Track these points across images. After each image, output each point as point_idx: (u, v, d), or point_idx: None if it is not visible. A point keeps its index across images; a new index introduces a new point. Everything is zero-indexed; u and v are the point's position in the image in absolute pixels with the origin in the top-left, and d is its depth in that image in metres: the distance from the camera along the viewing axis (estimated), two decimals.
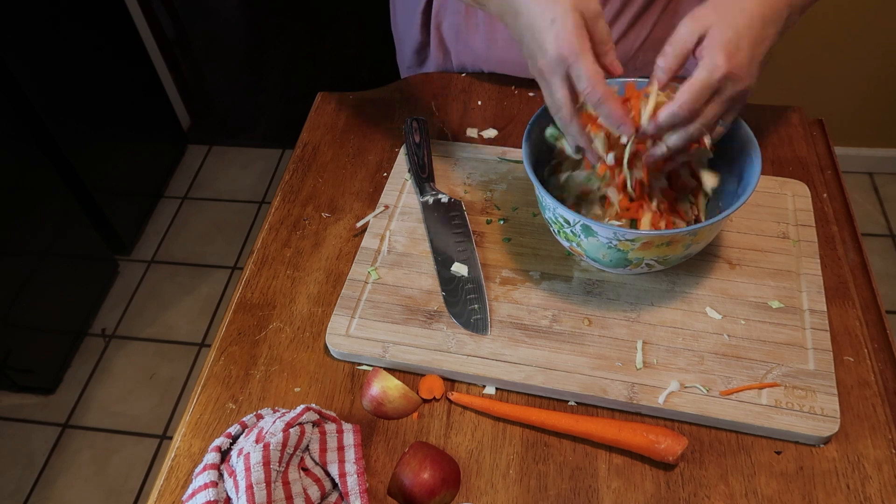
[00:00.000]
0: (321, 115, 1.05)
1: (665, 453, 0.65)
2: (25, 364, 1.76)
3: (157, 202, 2.31)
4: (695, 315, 0.76)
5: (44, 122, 1.74)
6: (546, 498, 0.65)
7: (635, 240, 0.67)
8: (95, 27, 1.95)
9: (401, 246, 0.85)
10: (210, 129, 2.52)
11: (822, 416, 0.67)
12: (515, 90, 1.06)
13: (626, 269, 0.74)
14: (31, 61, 1.69)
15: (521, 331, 0.75)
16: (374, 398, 0.70)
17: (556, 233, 0.75)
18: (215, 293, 2.06)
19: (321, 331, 0.78)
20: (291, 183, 0.95)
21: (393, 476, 0.65)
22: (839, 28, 1.81)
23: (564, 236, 0.74)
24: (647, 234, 0.67)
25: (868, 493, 0.64)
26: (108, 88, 2.02)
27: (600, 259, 0.73)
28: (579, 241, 0.72)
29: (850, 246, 0.84)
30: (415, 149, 0.92)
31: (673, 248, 0.69)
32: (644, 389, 0.70)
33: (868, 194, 2.13)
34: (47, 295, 1.80)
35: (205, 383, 0.75)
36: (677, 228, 0.71)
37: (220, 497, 0.60)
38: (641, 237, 0.67)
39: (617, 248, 0.69)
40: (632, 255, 0.70)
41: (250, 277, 0.84)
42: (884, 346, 0.75)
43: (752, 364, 0.71)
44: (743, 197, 0.68)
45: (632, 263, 0.72)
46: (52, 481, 1.70)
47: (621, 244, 0.68)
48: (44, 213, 1.77)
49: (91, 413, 1.81)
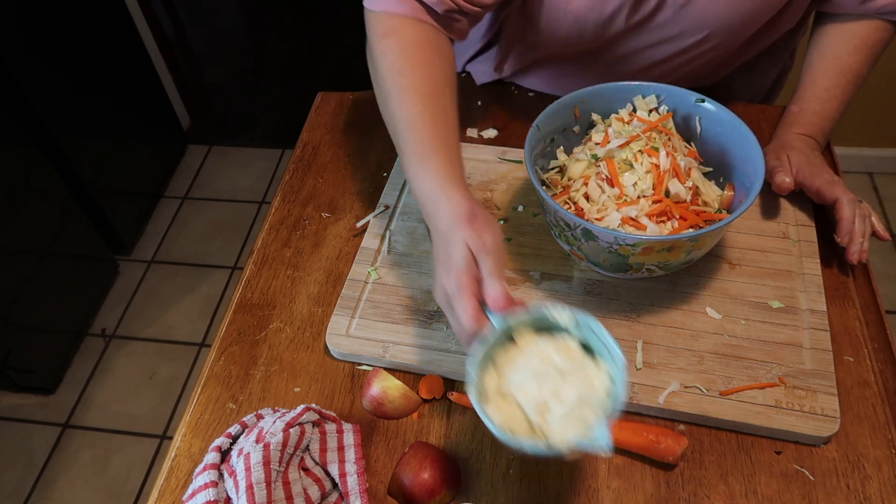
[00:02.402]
0: (321, 115, 1.05)
1: (665, 453, 0.65)
2: (25, 364, 1.76)
3: (157, 202, 2.31)
4: (695, 315, 0.76)
5: (44, 122, 1.74)
6: (546, 498, 0.65)
7: (636, 244, 0.67)
8: (95, 27, 1.95)
9: (401, 246, 0.85)
10: (210, 129, 2.52)
11: (822, 416, 0.67)
12: (515, 90, 1.06)
13: (627, 273, 0.73)
14: (31, 61, 1.69)
15: None
16: (374, 398, 0.70)
17: (558, 236, 0.75)
18: (215, 293, 2.06)
19: (321, 331, 0.78)
20: (291, 183, 0.95)
21: (393, 476, 0.65)
22: None
23: (565, 239, 0.73)
24: (648, 238, 0.66)
25: (868, 493, 0.64)
26: (109, 88, 2.02)
27: (600, 263, 0.73)
28: (580, 245, 0.71)
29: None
30: None
31: (674, 253, 0.69)
32: (644, 389, 0.70)
33: (868, 194, 2.13)
34: (47, 295, 1.80)
35: (205, 383, 0.75)
36: (679, 234, 0.69)
37: (221, 497, 0.60)
38: (643, 241, 0.67)
39: (618, 252, 0.69)
40: (632, 260, 0.70)
41: (250, 277, 0.84)
42: (884, 346, 0.75)
43: (752, 364, 0.71)
44: (746, 203, 0.68)
45: (632, 268, 0.71)
46: (52, 481, 1.69)
47: (622, 248, 0.68)
48: (44, 213, 1.77)
49: (91, 413, 1.81)
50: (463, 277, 0.59)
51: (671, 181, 0.72)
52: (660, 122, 0.77)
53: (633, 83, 0.80)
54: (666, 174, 0.72)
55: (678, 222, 0.71)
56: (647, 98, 0.80)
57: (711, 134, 0.78)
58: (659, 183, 0.72)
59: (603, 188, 0.73)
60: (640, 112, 0.79)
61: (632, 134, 0.75)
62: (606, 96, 0.80)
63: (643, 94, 0.80)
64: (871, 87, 1.96)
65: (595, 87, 0.79)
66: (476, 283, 0.60)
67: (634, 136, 0.74)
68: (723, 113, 0.76)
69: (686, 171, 0.73)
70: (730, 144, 0.76)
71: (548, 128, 0.78)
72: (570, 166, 0.77)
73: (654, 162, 0.72)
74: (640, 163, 0.73)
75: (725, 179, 0.78)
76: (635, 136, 0.74)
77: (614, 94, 0.80)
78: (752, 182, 0.71)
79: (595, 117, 0.81)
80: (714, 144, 0.78)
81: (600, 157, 0.75)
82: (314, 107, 1.07)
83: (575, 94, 0.79)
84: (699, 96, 0.78)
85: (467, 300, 0.58)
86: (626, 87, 0.80)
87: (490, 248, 0.60)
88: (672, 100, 0.79)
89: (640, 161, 0.73)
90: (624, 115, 0.79)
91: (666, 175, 0.72)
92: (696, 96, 0.78)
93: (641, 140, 0.74)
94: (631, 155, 0.73)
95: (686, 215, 0.71)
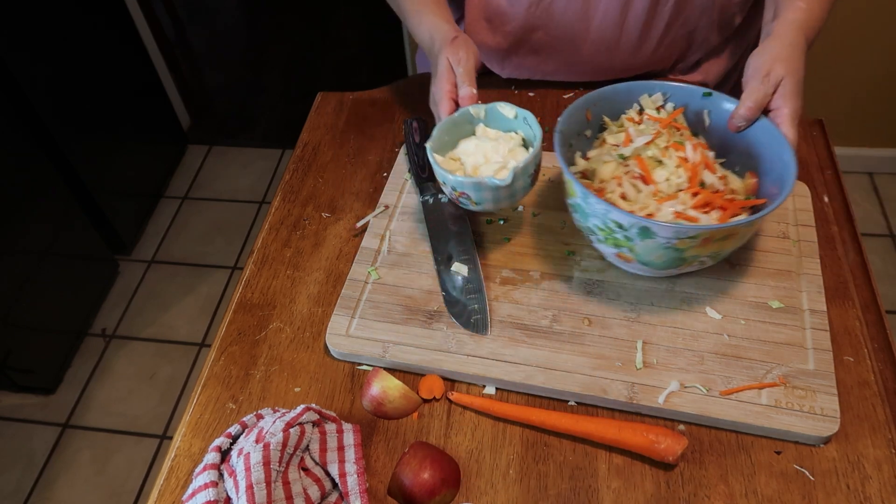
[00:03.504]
0: (321, 115, 1.05)
1: (665, 453, 0.65)
2: (25, 364, 1.76)
3: (157, 202, 2.31)
4: (695, 315, 0.76)
5: (44, 122, 1.74)
6: (546, 498, 0.65)
7: (696, 236, 0.66)
8: (95, 27, 1.95)
9: (401, 246, 0.85)
10: (210, 129, 2.52)
11: (822, 416, 0.67)
12: (515, 90, 1.06)
13: (677, 269, 0.73)
14: (31, 61, 1.69)
15: (521, 331, 0.75)
16: (374, 398, 0.70)
17: (602, 240, 0.73)
18: (215, 293, 2.06)
19: (321, 331, 0.78)
20: (291, 183, 0.95)
21: (393, 476, 0.65)
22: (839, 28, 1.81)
23: (613, 242, 0.71)
24: (709, 228, 0.66)
25: (868, 493, 0.64)
26: (108, 88, 2.02)
27: (652, 261, 0.71)
28: (632, 246, 0.70)
29: (850, 246, 0.84)
30: (415, 149, 0.92)
31: (729, 241, 0.69)
32: (644, 389, 0.70)
33: (868, 194, 2.13)
34: (47, 295, 1.80)
35: (205, 383, 0.75)
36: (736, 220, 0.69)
37: (221, 497, 0.60)
38: (703, 232, 0.66)
39: (675, 247, 0.68)
40: (688, 254, 0.69)
41: (250, 277, 0.84)
42: (884, 346, 0.75)
43: (752, 364, 0.71)
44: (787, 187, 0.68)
45: (685, 262, 0.71)
46: (52, 481, 1.69)
47: (680, 242, 0.67)
48: (44, 212, 1.77)
49: (91, 413, 1.81)
50: (443, 83, 0.81)
51: (704, 172, 0.73)
52: (672, 117, 0.78)
53: (640, 83, 0.81)
54: (699, 166, 0.72)
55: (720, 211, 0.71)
56: (654, 96, 0.80)
57: (721, 125, 0.79)
58: (694, 175, 0.72)
59: (638, 186, 0.73)
60: (648, 111, 0.80)
61: (655, 131, 0.76)
62: (614, 98, 0.81)
63: (649, 93, 0.80)
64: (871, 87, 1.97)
65: (603, 89, 0.80)
66: (453, 87, 0.81)
67: (657, 132, 0.75)
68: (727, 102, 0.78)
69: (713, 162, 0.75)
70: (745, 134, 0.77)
71: (568, 132, 0.78)
72: (599, 169, 0.76)
73: (681, 156, 0.73)
74: (669, 157, 0.73)
75: (742, 168, 0.78)
76: (658, 132, 0.75)
77: (622, 95, 0.81)
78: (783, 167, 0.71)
79: (606, 120, 0.82)
80: (725, 136, 0.79)
81: (628, 156, 0.75)
82: (314, 107, 1.07)
83: (586, 97, 0.79)
84: (706, 90, 0.79)
85: (445, 101, 0.80)
86: (634, 87, 0.81)
87: (463, 60, 0.81)
88: (677, 96, 0.80)
89: (668, 156, 0.73)
90: (633, 115, 0.80)
91: (699, 167, 0.72)
92: (702, 90, 0.79)
93: (664, 136, 0.75)
94: (658, 151, 0.74)
95: (725, 204, 0.71)
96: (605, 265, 0.81)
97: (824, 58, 1.89)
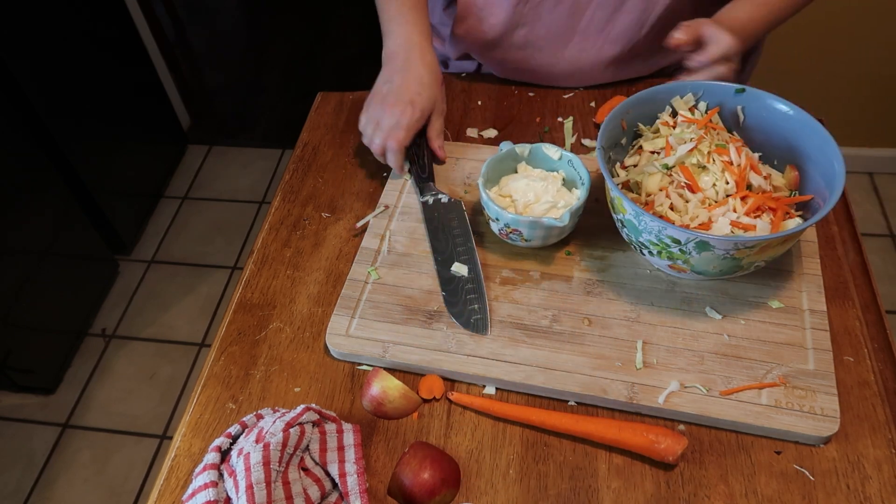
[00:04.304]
0: (321, 115, 1.05)
1: (665, 453, 0.65)
2: (25, 364, 1.76)
3: (157, 202, 2.31)
4: (695, 315, 0.76)
5: (44, 122, 1.74)
6: (546, 498, 0.65)
7: (755, 245, 0.66)
8: (95, 27, 1.95)
9: (401, 246, 0.85)
10: (210, 129, 2.52)
11: (822, 416, 0.67)
12: (515, 90, 1.06)
13: (734, 274, 0.72)
14: (31, 61, 1.69)
15: (521, 331, 0.75)
16: (374, 398, 0.70)
17: (655, 254, 0.72)
18: (215, 293, 2.06)
19: (321, 331, 0.78)
20: (291, 183, 0.95)
21: (393, 476, 0.65)
22: (839, 28, 1.80)
23: (667, 255, 0.71)
24: (769, 237, 0.66)
25: (868, 493, 0.64)
26: (108, 88, 2.02)
27: (708, 271, 0.71)
28: (688, 258, 0.70)
29: (850, 246, 0.84)
30: (415, 149, 0.92)
31: (787, 244, 0.69)
32: (644, 389, 0.70)
33: (868, 194, 2.13)
34: (47, 295, 1.80)
35: (205, 383, 0.75)
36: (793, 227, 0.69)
37: (220, 497, 0.60)
38: (762, 241, 0.66)
39: (733, 256, 0.68)
40: (746, 261, 0.69)
41: (250, 277, 0.84)
42: (884, 346, 0.75)
43: (752, 364, 0.71)
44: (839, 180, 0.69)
45: (742, 268, 0.71)
46: (52, 481, 1.69)
47: (739, 252, 0.67)
48: (44, 213, 1.77)
49: (91, 413, 1.81)
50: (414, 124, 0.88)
51: (750, 175, 0.72)
52: (709, 117, 0.78)
53: (669, 84, 0.81)
54: (745, 170, 0.72)
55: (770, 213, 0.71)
56: (685, 97, 0.80)
57: (757, 121, 0.79)
58: (741, 180, 0.72)
59: (685, 196, 0.72)
60: (682, 112, 0.79)
61: (696, 136, 0.75)
62: (647, 102, 0.80)
63: (681, 94, 0.80)
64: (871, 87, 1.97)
65: (635, 96, 0.79)
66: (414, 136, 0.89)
67: (700, 138, 0.74)
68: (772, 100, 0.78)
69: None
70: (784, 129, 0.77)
71: (608, 146, 0.77)
72: (644, 181, 0.75)
73: (724, 160, 0.73)
74: (713, 163, 0.73)
75: (780, 161, 0.78)
76: (700, 137, 0.75)
77: (655, 98, 0.81)
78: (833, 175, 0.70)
79: (641, 127, 0.81)
80: (761, 131, 0.79)
81: (672, 166, 0.74)
82: (314, 107, 1.07)
83: (619, 107, 0.78)
84: (738, 86, 0.79)
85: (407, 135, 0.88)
86: (664, 90, 0.80)
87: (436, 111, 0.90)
88: (710, 95, 0.80)
89: (712, 161, 0.73)
90: (667, 118, 0.80)
91: (745, 171, 0.72)
92: (735, 87, 0.79)
93: (706, 141, 0.74)
94: (702, 157, 0.73)
95: (775, 205, 0.71)
96: (605, 265, 0.81)
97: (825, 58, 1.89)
